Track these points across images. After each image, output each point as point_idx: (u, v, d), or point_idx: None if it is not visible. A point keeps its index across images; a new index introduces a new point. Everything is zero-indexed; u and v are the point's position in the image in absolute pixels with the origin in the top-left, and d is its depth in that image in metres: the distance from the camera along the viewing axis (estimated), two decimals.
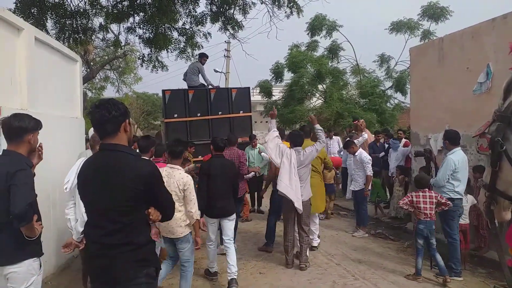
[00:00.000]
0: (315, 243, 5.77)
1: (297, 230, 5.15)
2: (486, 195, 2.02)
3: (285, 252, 5.13)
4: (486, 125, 2.07)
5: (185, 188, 3.69)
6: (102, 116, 1.97)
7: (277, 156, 4.97)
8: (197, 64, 8.43)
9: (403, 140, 8.11)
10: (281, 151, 4.98)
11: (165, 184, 3.58)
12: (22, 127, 2.54)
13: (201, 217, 4.03)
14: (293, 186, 4.84)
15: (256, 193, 8.40)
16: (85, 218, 2.18)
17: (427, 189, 4.64)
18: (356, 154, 6.64)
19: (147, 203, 2.07)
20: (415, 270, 4.63)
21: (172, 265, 4.03)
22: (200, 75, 8.30)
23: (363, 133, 8.13)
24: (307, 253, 5.10)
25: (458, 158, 4.66)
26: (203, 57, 8.59)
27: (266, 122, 20.60)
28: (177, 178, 3.70)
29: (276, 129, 5.28)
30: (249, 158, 7.52)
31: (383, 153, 8.54)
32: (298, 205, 4.86)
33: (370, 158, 6.79)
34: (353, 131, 9.31)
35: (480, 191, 2.15)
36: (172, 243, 3.82)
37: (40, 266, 2.62)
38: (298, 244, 5.15)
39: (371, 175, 6.59)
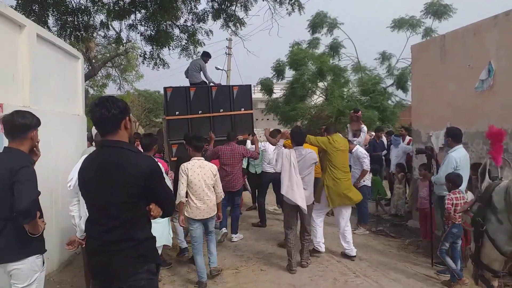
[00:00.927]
0: (322, 248, 5.38)
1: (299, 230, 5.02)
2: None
3: (288, 255, 4.90)
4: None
5: (216, 173, 4.48)
6: (102, 115, 1.98)
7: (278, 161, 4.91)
8: (199, 61, 8.41)
9: (407, 138, 8.09)
10: (278, 154, 4.88)
11: (200, 173, 4.28)
12: (26, 124, 2.54)
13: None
14: (294, 186, 4.70)
15: (257, 190, 8.41)
16: None
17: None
18: (353, 150, 6.67)
19: (148, 200, 2.07)
20: (455, 274, 4.24)
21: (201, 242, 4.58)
22: (201, 72, 8.30)
23: (362, 126, 8.07)
24: (309, 251, 5.07)
25: (459, 155, 4.64)
26: (206, 56, 8.57)
27: (268, 119, 20.61)
28: (209, 166, 4.47)
29: (282, 147, 5.22)
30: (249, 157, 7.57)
31: (385, 151, 8.53)
32: (302, 204, 4.71)
33: (367, 153, 6.78)
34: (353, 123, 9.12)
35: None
36: (201, 223, 4.45)
37: (43, 262, 2.63)
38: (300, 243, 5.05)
39: (368, 169, 6.54)
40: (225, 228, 6.15)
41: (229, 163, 5.97)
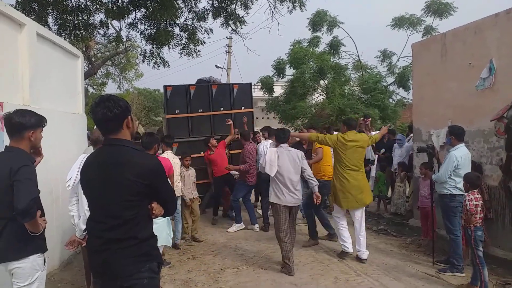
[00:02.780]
0: (365, 255, 5.10)
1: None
2: (503, 176, 2.07)
3: (286, 259, 4.73)
4: (505, 109, 2.11)
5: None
6: (104, 115, 1.97)
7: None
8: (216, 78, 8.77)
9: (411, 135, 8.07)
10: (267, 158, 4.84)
11: (176, 163, 5.55)
12: (22, 123, 2.50)
13: None
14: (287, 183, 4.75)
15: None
16: (88, 215, 2.18)
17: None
18: None
19: (150, 198, 2.07)
20: (483, 285, 4.02)
21: None
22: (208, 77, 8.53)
23: (372, 133, 8.04)
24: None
25: (461, 154, 4.62)
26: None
27: (268, 118, 20.59)
28: (177, 161, 5.76)
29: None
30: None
31: (383, 150, 8.50)
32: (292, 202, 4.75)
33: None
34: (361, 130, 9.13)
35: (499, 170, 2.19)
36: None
37: (44, 261, 2.62)
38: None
39: None
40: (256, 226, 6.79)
41: (252, 158, 6.74)
